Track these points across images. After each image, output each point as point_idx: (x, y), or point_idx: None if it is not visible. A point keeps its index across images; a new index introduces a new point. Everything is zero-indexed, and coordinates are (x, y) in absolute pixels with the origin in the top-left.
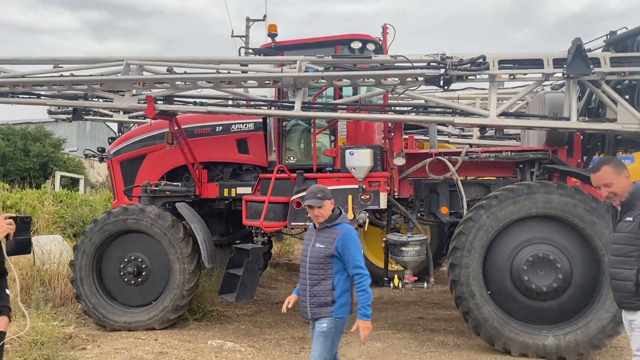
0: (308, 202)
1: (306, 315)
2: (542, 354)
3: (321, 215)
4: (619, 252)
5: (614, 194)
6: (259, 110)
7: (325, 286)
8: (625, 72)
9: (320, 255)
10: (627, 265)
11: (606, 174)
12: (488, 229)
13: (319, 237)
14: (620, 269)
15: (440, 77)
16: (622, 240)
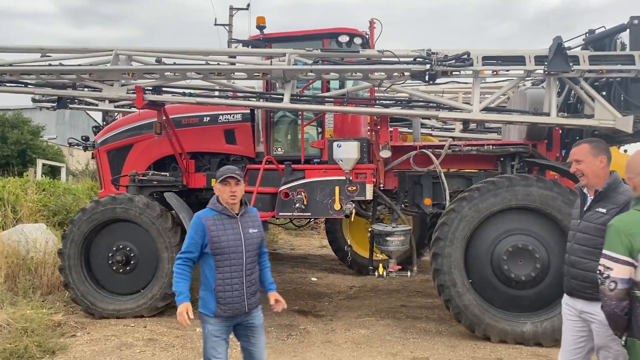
0: (230, 174)
1: (242, 309)
2: (520, 340)
3: (237, 194)
4: (586, 242)
5: (581, 172)
6: (248, 101)
7: (256, 272)
8: (603, 70)
9: (256, 240)
10: (594, 256)
11: (581, 150)
12: (470, 220)
13: (246, 222)
14: (585, 259)
15: (426, 73)
16: (592, 231)
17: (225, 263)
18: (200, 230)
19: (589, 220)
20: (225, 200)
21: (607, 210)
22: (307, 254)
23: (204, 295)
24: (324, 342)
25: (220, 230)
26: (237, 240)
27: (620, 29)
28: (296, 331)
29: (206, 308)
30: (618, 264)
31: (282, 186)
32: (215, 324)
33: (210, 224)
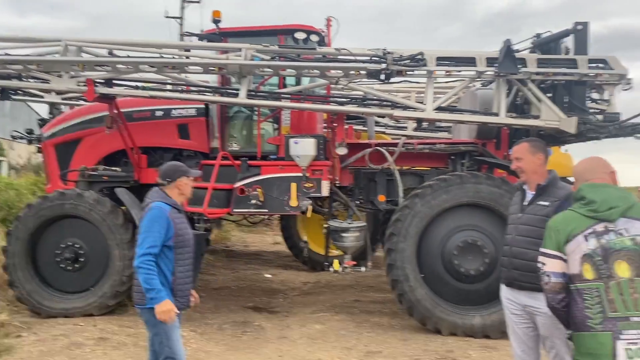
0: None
1: (187, 305)
2: (470, 333)
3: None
4: (530, 233)
5: (521, 169)
6: (203, 96)
7: None
8: (550, 72)
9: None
10: (537, 246)
11: (521, 149)
12: (423, 216)
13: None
14: (529, 249)
15: (382, 72)
16: (535, 222)
17: (185, 256)
18: (166, 224)
19: (533, 213)
20: (186, 195)
21: (549, 203)
22: (260, 250)
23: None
24: (279, 338)
25: (182, 224)
26: (190, 234)
27: (565, 34)
28: (251, 328)
29: None
30: (550, 259)
31: (238, 182)
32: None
33: (174, 217)
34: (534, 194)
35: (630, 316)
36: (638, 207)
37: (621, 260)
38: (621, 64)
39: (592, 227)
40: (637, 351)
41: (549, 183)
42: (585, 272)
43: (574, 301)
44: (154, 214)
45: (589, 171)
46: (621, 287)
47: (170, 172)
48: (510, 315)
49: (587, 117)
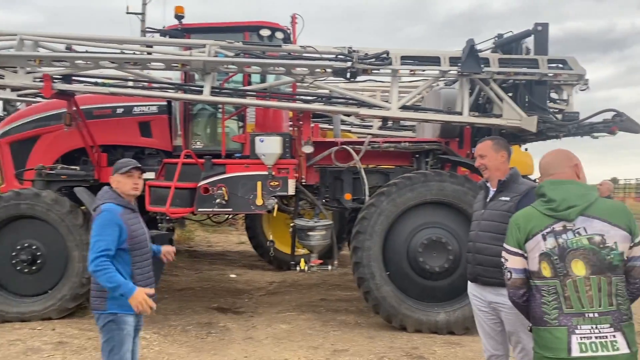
0: (135, 164)
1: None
2: (435, 329)
3: (139, 186)
4: (492, 228)
5: (484, 166)
6: (166, 93)
7: None
8: (511, 72)
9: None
10: (499, 241)
11: (485, 146)
12: (388, 214)
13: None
14: (491, 244)
15: (347, 70)
16: (497, 217)
17: (143, 257)
18: (117, 227)
19: (494, 208)
20: (126, 192)
21: (510, 198)
22: (225, 250)
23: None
24: (245, 338)
25: (135, 225)
26: (145, 235)
27: (526, 34)
28: (216, 329)
29: (124, 307)
30: (511, 255)
31: (202, 181)
32: (132, 323)
33: (125, 218)
34: (495, 190)
35: (584, 312)
36: (598, 205)
37: (578, 259)
38: (580, 64)
39: (551, 227)
40: (590, 345)
41: (509, 179)
42: (543, 270)
43: (533, 297)
44: (104, 217)
45: (552, 166)
46: (577, 284)
47: (114, 169)
48: (478, 312)
49: (547, 117)
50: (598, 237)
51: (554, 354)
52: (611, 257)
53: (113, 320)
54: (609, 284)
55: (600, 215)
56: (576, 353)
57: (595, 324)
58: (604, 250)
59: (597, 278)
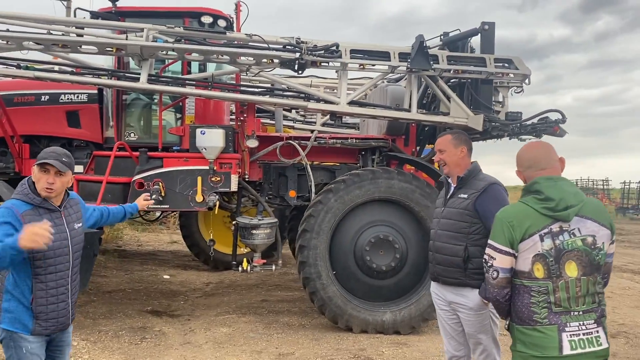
0: (51, 159)
1: (67, 323)
2: (381, 329)
3: (55, 188)
4: (450, 227)
5: (444, 161)
6: (99, 79)
7: (79, 275)
8: (459, 70)
9: (82, 237)
10: (457, 240)
11: (444, 141)
12: (336, 212)
13: (70, 215)
14: (449, 243)
15: (296, 61)
16: (455, 215)
17: (49, 270)
18: (10, 229)
19: (452, 206)
20: (39, 190)
21: (467, 195)
22: (156, 250)
23: (13, 309)
24: (183, 343)
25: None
26: (63, 241)
27: (473, 33)
28: (150, 334)
29: (18, 325)
30: (500, 254)
31: (136, 175)
32: (34, 341)
33: (27, 220)
34: (455, 186)
35: (571, 310)
36: (588, 205)
37: (571, 261)
38: (525, 64)
39: (549, 227)
40: (579, 342)
41: (467, 175)
42: (536, 271)
43: (520, 296)
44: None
45: (542, 159)
46: (568, 285)
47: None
48: (439, 311)
49: (492, 116)
50: (590, 238)
51: (544, 353)
52: (599, 257)
53: (10, 337)
54: (594, 283)
55: (591, 215)
56: (567, 351)
57: (582, 321)
58: (594, 251)
59: (586, 279)
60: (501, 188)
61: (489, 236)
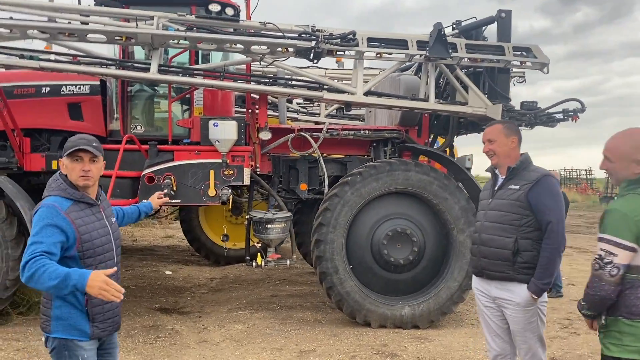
0: (84, 145)
1: (119, 322)
2: (399, 324)
3: (94, 174)
4: (499, 219)
5: (493, 151)
6: (107, 70)
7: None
8: (479, 58)
9: (119, 233)
10: (506, 233)
11: (495, 130)
12: (352, 205)
13: (106, 210)
14: (498, 236)
15: (311, 50)
16: (505, 207)
17: (99, 267)
18: (57, 229)
19: (502, 198)
20: (74, 180)
21: (519, 187)
22: (152, 245)
23: (66, 315)
24: (199, 342)
25: (88, 225)
26: (106, 235)
27: (489, 21)
28: (164, 332)
29: (74, 331)
30: (624, 251)
31: (146, 169)
32: (90, 348)
33: (74, 217)
34: (505, 177)
35: None
36: None
37: None
38: (543, 53)
39: None
40: None
41: (519, 166)
42: None
43: (634, 290)
44: (41, 215)
45: None
46: None
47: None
48: (483, 308)
49: (510, 105)
50: None
51: None
52: None
53: (64, 346)
54: None
55: None
56: None
57: None
58: None
59: None
60: (554, 180)
61: (606, 231)
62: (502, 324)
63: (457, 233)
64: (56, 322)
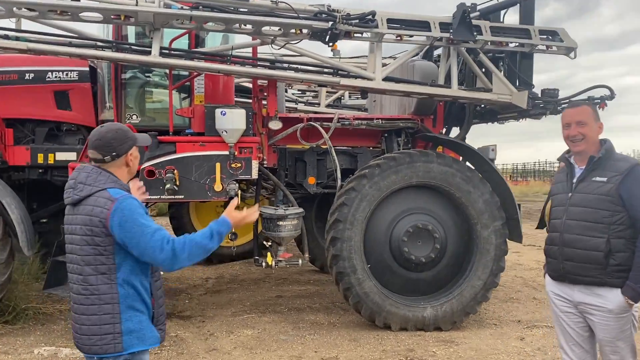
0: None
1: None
2: (421, 326)
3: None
4: (586, 216)
5: (583, 135)
6: (106, 53)
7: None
8: (504, 42)
9: None
10: (596, 232)
11: (585, 112)
12: (371, 200)
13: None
14: (586, 236)
15: (328, 32)
16: (592, 202)
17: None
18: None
19: (586, 192)
20: (133, 173)
21: (608, 179)
22: None
23: (137, 326)
24: (208, 350)
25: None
26: None
27: (511, 3)
28: (168, 340)
29: (149, 339)
30: None
31: (146, 162)
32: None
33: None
34: (585, 168)
35: None
36: None
37: None
38: (570, 37)
39: None
40: None
41: (605, 155)
42: None
43: None
44: (133, 204)
45: None
46: None
47: (117, 140)
48: (561, 314)
49: (534, 93)
50: None
51: None
52: None
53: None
54: None
55: None
56: None
57: None
58: None
59: None
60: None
61: None
62: (583, 331)
63: (481, 228)
64: (129, 336)
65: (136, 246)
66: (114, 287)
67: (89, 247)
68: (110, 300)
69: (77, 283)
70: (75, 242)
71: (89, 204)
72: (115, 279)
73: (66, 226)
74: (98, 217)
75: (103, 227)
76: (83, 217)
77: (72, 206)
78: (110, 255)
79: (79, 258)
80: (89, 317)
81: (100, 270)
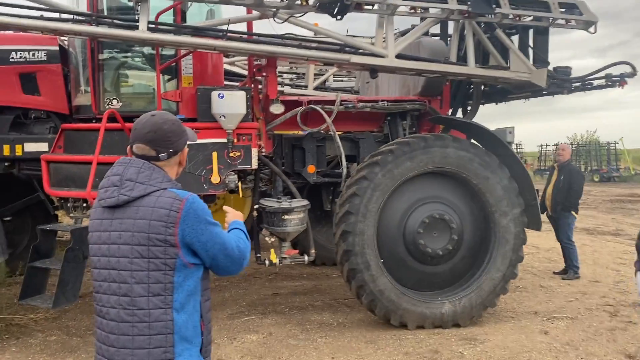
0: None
1: None
2: (439, 323)
3: None
4: None
5: None
6: (81, 26)
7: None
8: (523, 15)
9: None
10: None
11: None
12: (384, 189)
13: None
14: None
15: (337, 3)
16: None
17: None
18: None
19: None
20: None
21: None
22: None
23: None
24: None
25: None
26: None
27: None
28: None
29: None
30: None
31: None
32: None
33: None
34: None
35: None
36: None
37: None
38: (590, 10)
39: None
40: None
41: None
42: None
43: None
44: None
45: None
46: None
47: (175, 134)
48: None
49: (551, 70)
50: None
51: None
52: None
53: None
54: None
55: None
56: None
57: None
58: None
59: None
60: None
61: None
62: None
63: (499, 216)
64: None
65: (216, 254)
66: (168, 313)
67: (141, 260)
68: (164, 330)
69: (117, 307)
70: (118, 254)
71: (145, 206)
72: (171, 302)
73: (97, 233)
74: (162, 221)
75: (168, 235)
76: (136, 222)
77: (112, 209)
78: (170, 271)
79: (127, 274)
80: (134, 351)
81: (154, 291)
